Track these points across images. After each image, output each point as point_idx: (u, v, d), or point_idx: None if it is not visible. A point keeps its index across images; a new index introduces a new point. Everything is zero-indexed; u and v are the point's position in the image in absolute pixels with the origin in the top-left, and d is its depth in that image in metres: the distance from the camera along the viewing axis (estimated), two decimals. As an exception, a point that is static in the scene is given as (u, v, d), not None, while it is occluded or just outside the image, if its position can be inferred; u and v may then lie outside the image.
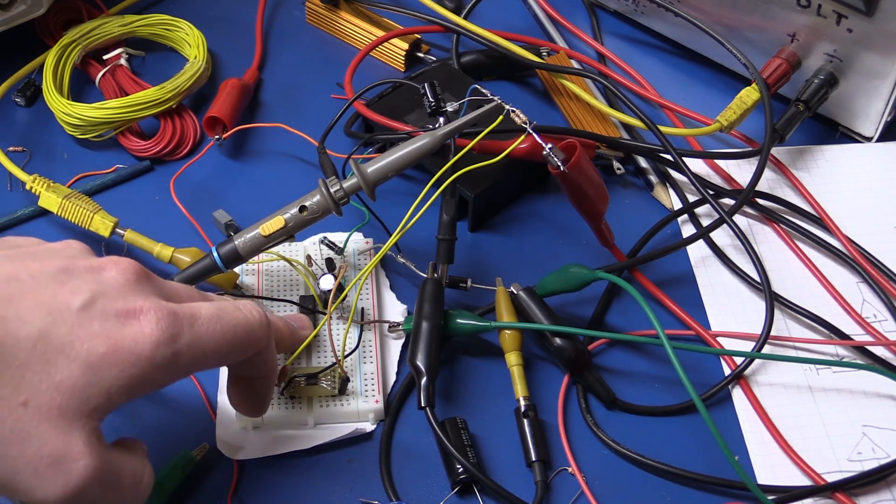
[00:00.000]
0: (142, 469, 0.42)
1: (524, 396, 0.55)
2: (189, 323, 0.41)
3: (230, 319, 0.43)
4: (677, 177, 0.68)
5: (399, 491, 0.53)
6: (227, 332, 0.42)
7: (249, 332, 0.44)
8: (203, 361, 0.42)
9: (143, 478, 0.42)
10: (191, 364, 0.41)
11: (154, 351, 0.39)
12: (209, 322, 0.42)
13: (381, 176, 0.55)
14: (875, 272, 0.63)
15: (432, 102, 0.60)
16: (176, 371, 0.40)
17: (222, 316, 0.42)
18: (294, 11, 0.80)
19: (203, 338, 0.41)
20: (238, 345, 0.43)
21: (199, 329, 0.41)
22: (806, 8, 0.66)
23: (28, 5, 0.69)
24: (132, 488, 0.41)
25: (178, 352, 0.40)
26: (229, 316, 0.43)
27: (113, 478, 0.39)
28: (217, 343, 0.42)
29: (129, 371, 0.38)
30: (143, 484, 0.42)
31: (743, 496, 0.53)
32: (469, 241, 0.65)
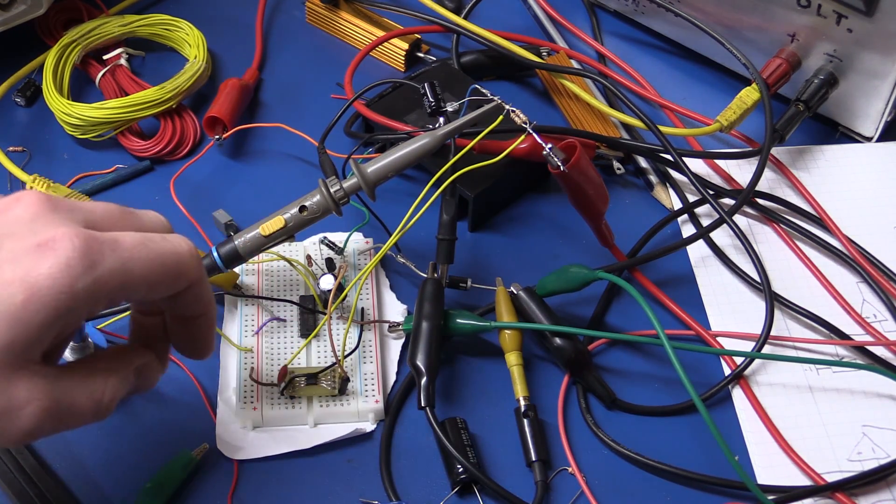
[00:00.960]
0: (101, 387, 0.41)
1: (524, 396, 0.55)
2: (111, 248, 0.38)
3: (157, 248, 0.40)
4: (677, 177, 0.68)
5: (399, 491, 0.53)
6: (154, 259, 0.40)
7: (178, 262, 0.41)
8: (131, 289, 0.39)
9: (102, 395, 0.40)
10: (117, 292, 0.39)
11: (73, 282, 0.37)
12: (133, 248, 0.39)
13: (381, 176, 0.55)
14: (875, 272, 0.63)
15: (432, 102, 0.60)
16: (101, 300, 0.38)
17: (148, 244, 0.40)
18: (294, 11, 0.80)
19: (128, 264, 0.39)
20: (167, 274, 0.41)
21: (123, 254, 0.39)
22: (806, 8, 0.66)
23: (28, 5, 0.69)
24: (92, 408, 0.40)
25: (100, 279, 0.37)
26: (156, 244, 0.40)
27: (67, 407, 0.39)
28: (143, 271, 0.39)
29: (52, 309, 0.36)
30: (103, 401, 0.40)
31: (743, 496, 0.53)
32: (469, 241, 0.65)
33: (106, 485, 0.53)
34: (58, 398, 0.38)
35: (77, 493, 0.52)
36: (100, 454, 0.54)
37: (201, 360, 0.48)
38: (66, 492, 0.52)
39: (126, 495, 0.52)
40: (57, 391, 0.39)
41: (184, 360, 0.57)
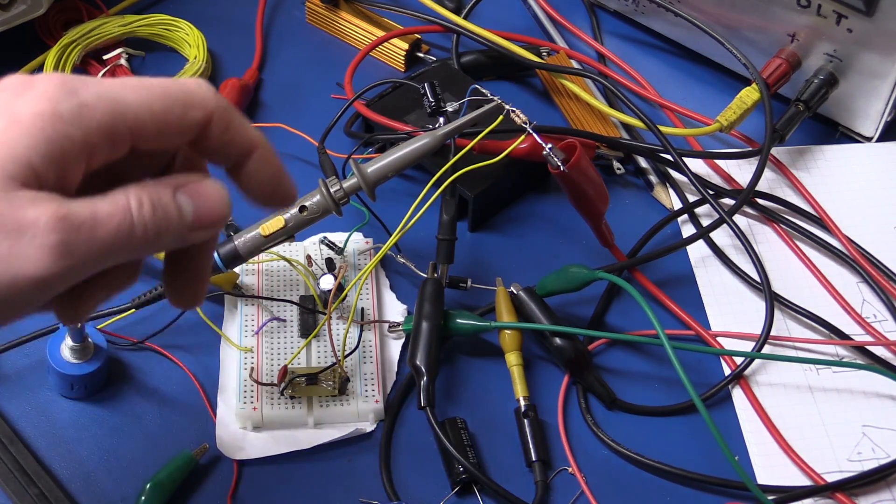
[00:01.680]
0: (125, 195, 0.35)
1: (524, 396, 0.55)
2: (95, 81, 0.35)
3: (154, 81, 0.36)
4: (677, 177, 0.68)
5: (399, 491, 0.53)
6: (150, 89, 0.36)
7: (184, 90, 0.37)
8: (128, 115, 0.35)
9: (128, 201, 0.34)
10: (109, 115, 0.34)
11: (54, 106, 0.33)
12: (124, 82, 0.36)
13: (381, 176, 0.55)
14: (875, 272, 0.63)
15: (432, 102, 0.60)
16: (93, 122, 0.34)
17: (143, 80, 0.36)
18: (294, 11, 0.80)
19: (116, 89, 0.35)
20: (172, 102, 0.36)
21: (110, 84, 0.35)
22: (806, 8, 0.66)
23: (28, 5, 0.69)
24: (119, 218, 0.34)
25: (85, 102, 0.34)
26: (154, 80, 0.36)
27: (87, 217, 0.33)
28: (138, 98, 0.35)
29: (39, 135, 0.33)
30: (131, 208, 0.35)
31: (743, 496, 0.53)
32: (469, 241, 0.65)
33: (106, 485, 0.53)
34: (71, 209, 0.33)
35: (77, 493, 0.52)
36: (100, 454, 0.54)
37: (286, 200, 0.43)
38: (66, 492, 0.52)
39: (126, 495, 0.52)
40: (69, 205, 0.33)
41: (184, 360, 0.57)
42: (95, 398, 0.56)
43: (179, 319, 0.58)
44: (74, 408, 0.55)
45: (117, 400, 0.56)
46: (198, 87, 0.37)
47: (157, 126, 0.36)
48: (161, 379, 0.57)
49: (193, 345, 0.58)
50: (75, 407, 0.56)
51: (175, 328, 0.58)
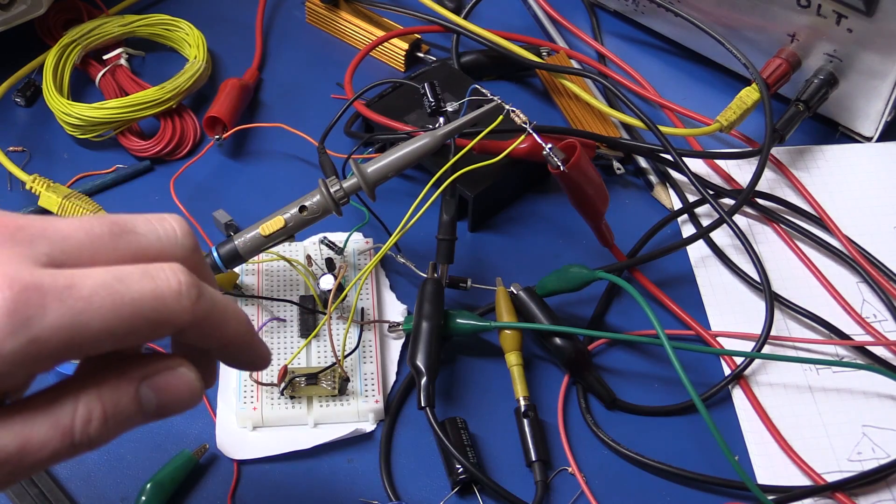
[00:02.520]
0: (70, 411, 0.32)
1: (524, 396, 0.55)
2: (58, 298, 0.30)
3: (129, 293, 0.31)
4: (677, 177, 0.68)
5: (399, 491, 0.53)
6: (123, 309, 0.31)
7: (158, 309, 0.32)
8: (88, 346, 0.31)
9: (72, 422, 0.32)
10: (66, 350, 0.31)
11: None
12: (93, 296, 0.31)
13: (381, 176, 0.55)
14: (875, 272, 0.63)
15: (432, 102, 0.60)
16: (41, 361, 0.31)
17: (117, 287, 0.31)
18: (294, 11, 0.80)
19: (81, 317, 0.31)
20: (141, 324, 0.32)
21: (75, 305, 0.30)
22: (806, 8, 0.66)
23: (28, 5, 0.69)
24: (60, 441, 0.32)
25: (36, 339, 0.30)
26: (128, 287, 0.32)
27: (14, 451, 0.31)
28: (104, 324, 0.31)
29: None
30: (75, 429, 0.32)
31: (743, 496, 0.53)
32: (469, 241, 0.65)
33: (106, 485, 0.53)
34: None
35: (77, 493, 0.52)
36: (100, 454, 0.54)
37: (261, 370, 0.41)
38: (66, 492, 0.52)
39: (126, 495, 0.52)
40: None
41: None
42: (95, 398, 0.56)
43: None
44: (74, 408, 0.55)
45: (117, 400, 0.56)
46: (176, 302, 0.33)
47: (114, 345, 0.32)
48: (161, 379, 0.57)
49: (193, 345, 0.58)
50: (75, 407, 0.55)
51: (175, 328, 0.58)
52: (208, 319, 0.34)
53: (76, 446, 0.32)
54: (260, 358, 0.39)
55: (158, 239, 0.34)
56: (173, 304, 0.33)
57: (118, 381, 0.33)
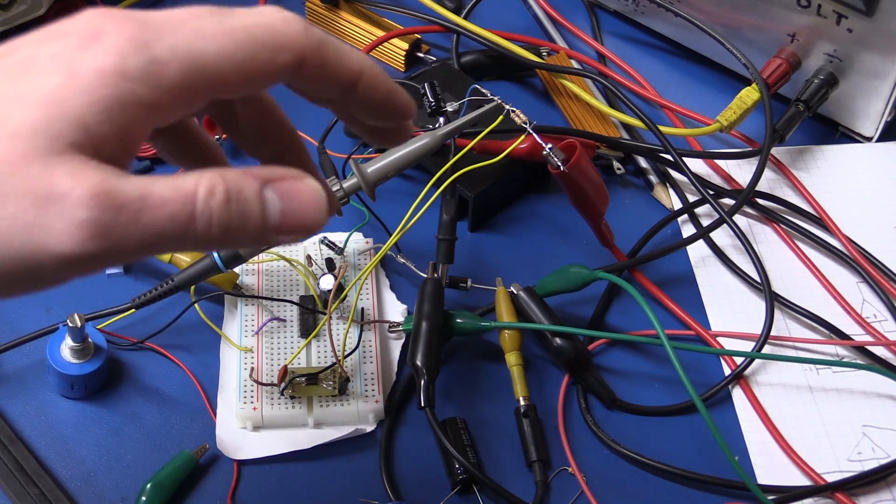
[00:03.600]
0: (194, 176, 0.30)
1: (524, 396, 0.55)
2: (170, 30, 0.31)
3: (238, 21, 0.32)
4: (677, 177, 0.68)
5: (399, 491, 0.53)
6: (235, 33, 0.31)
7: (270, 32, 0.32)
8: (207, 68, 0.31)
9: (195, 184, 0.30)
10: (186, 71, 0.31)
11: (121, 61, 0.30)
12: (204, 26, 0.31)
13: (382, 176, 0.55)
14: (875, 272, 0.63)
15: (432, 102, 0.60)
16: (165, 80, 0.30)
17: (225, 18, 0.32)
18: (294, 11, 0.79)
19: (194, 40, 0.31)
20: (258, 49, 0.32)
21: (187, 32, 0.31)
22: (806, 8, 0.66)
23: (28, 5, 0.69)
24: (179, 201, 0.30)
25: (157, 58, 0.30)
26: (236, 17, 0.32)
27: (133, 197, 0.29)
28: (220, 46, 0.31)
29: (98, 92, 0.30)
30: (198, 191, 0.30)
31: (743, 496, 0.53)
32: (469, 241, 0.65)
33: (106, 485, 0.53)
34: (117, 185, 0.29)
35: (77, 493, 0.52)
36: (100, 454, 0.54)
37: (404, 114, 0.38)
38: (66, 492, 0.52)
39: (126, 495, 0.52)
40: (116, 180, 0.30)
41: (184, 360, 0.57)
42: (95, 398, 0.56)
43: (179, 319, 0.58)
44: (74, 408, 0.55)
45: (117, 400, 0.56)
46: (285, 26, 0.33)
47: (241, 77, 0.32)
48: (161, 379, 0.57)
49: (193, 345, 0.58)
50: (75, 407, 0.56)
51: (175, 328, 0.58)
52: (324, 48, 0.34)
53: (195, 220, 0.30)
54: (401, 97, 0.37)
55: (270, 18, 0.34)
56: (284, 28, 0.33)
57: (243, 174, 0.31)
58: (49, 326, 0.57)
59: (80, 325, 0.53)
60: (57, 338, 0.55)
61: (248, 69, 0.32)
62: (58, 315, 0.58)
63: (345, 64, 0.34)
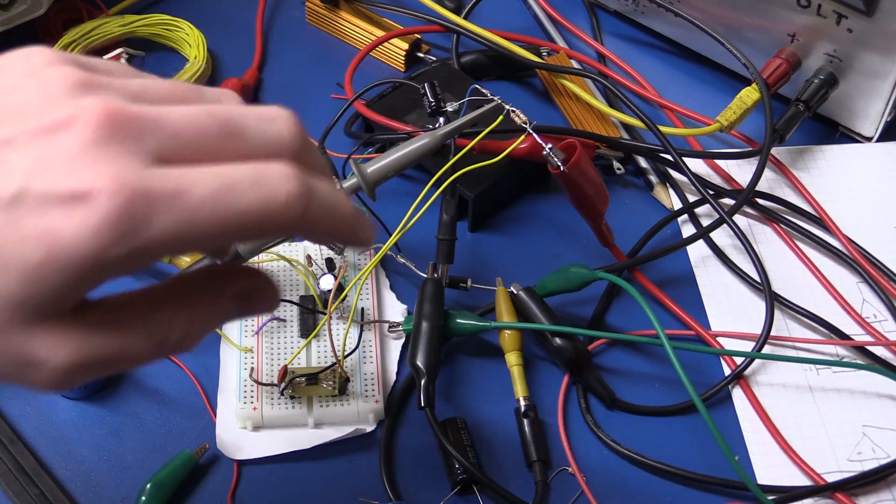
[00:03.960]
0: (165, 325, 0.33)
1: (524, 396, 0.55)
2: (167, 207, 0.30)
3: (237, 204, 0.31)
4: (677, 177, 0.68)
5: (399, 491, 0.53)
6: (229, 220, 0.31)
7: (265, 219, 0.31)
8: (187, 251, 0.33)
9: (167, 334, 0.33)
10: (165, 254, 0.31)
11: (102, 251, 0.30)
12: (202, 205, 0.30)
13: (382, 176, 0.55)
14: (875, 272, 0.63)
15: (432, 102, 0.60)
16: (143, 262, 0.31)
17: (226, 198, 0.31)
18: (294, 11, 0.80)
19: (182, 227, 0.30)
20: (246, 233, 0.32)
21: (181, 215, 0.30)
22: (806, 8, 0.66)
23: (28, 5, 0.69)
24: (150, 350, 0.33)
25: (140, 248, 0.30)
26: (237, 198, 0.31)
27: (108, 357, 0.32)
28: (205, 234, 0.31)
29: (74, 274, 0.30)
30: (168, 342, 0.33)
31: (743, 496, 0.53)
32: (469, 241, 0.65)
33: (106, 485, 0.53)
34: (93, 349, 0.32)
35: (77, 493, 0.52)
36: (100, 454, 0.54)
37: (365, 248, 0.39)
38: (66, 492, 0.52)
39: (126, 495, 0.52)
40: (93, 342, 0.32)
41: (184, 360, 0.57)
42: (95, 398, 0.56)
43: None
44: (74, 408, 0.56)
45: (117, 400, 0.56)
46: (283, 212, 0.32)
47: (222, 243, 0.34)
48: (161, 379, 0.57)
49: (193, 345, 0.58)
50: (75, 407, 0.56)
51: (175, 328, 0.58)
52: (314, 223, 0.33)
53: (164, 354, 0.33)
54: (360, 245, 0.38)
55: (268, 140, 0.34)
56: (281, 215, 0.32)
57: (212, 300, 0.34)
58: (49, 326, 0.57)
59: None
60: (57, 338, 0.55)
61: (226, 242, 0.34)
62: (58, 315, 0.58)
63: (324, 233, 0.35)
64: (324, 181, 0.34)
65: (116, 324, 0.32)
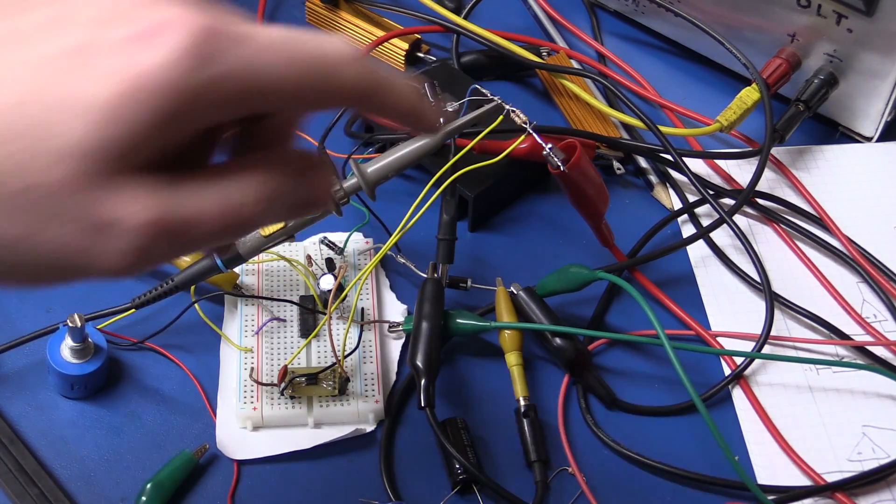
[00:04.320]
0: (239, 188, 0.32)
1: (524, 396, 0.55)
2: (236, 41, 0.30)
3: (303, 46, 0.32)
4: (677, 177, 0.68)
5: (399, 491, 0.53)
6: (296, 60, 0.32)
7: (328, 64, 0.32)
8: (261, 97, 0.32)
9: (241, 197, 0.32)
10: (242, 97, 0.31)
11: (181, 78, 0.29)
12: (270, 46, 0.31)
13: (382, 176, 0.54)
14: (875, 272, 0.63)
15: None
16: (221, 104, 0.31)
17: (292, 41, 0.32)
18: (294, 11, 0.80)
19: (255, 63, 0.31)
20: (313, 79, 0.32)
21: (250, 51, 0.31)
22: (806, 8, 0.66)
23: (28, 5, 0.69)
24: (223, 217, 0.32)
25: (218, 76, 0.30)
26: (302, 42, 0.32)
27: (186, 217, 0.31)
28: (279, 74, 0.31)
29: (154, 107, 0.29)
30: (243, 206, 0.32)
31: (743, 496, 0.53)
32: (469, 241, 0.65)
33: (106, 485, 0.53)
34: (170, 208, 0.31)
35: (77, 493, 0.52)
36: (100, 454, 0.54)
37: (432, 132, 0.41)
38: (66, 492, 0.52)
39: (126, 495, 0.52)
40: (170, 200, 0.31)
41: (184, 360, 0.57)
42: (95, 398, 0.56)
43: (179, 319, 0.58)
44: (74, 408, 0.55)
45: (117, 400, 0.56)
46: (340, 58, 0.33)
47: (291, 104, 0.34)
48: (161, 379, 0.57)
49: (193, 345, 0.58)
50: (75, 407, 0.56)
51: (175, 328, 0.58)
52: (371, 88, 0.34)
53: (236, 226, 0.32)
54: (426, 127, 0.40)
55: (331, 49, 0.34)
56: (341, 68, 0.33)
57: (278, 166, 0.33)
58: (49, 326, 0.57)
59: (81, 325, 0.53)
60: (57, 338, 0.55)
61: (301, 100, 0.33)
62: (58, 315, 0.58)
63: (394, 109, 0.36)
64: None
65: (190, 183, 0.31)
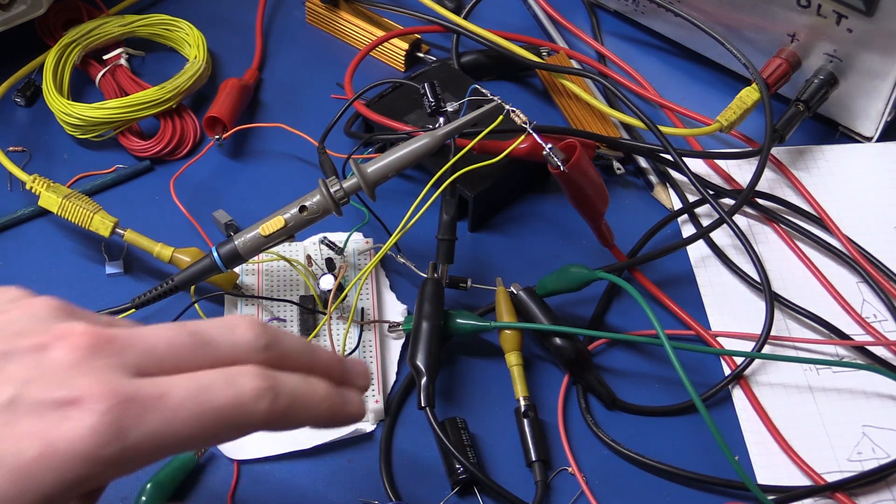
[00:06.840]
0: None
1: (524, 396, 0.55)
2: (151, 408, 0.33)
3: (213, 401, 0.34)
4: (677, 177, 0.68)
5: (399, 491, 0.53)
6: (207, 417, 0.34)
7: (239, 415, 0.35)
8: (169, 451, 0.35)
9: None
10: (151, 456, 0.34)
11: (95, 451, 0.32)
12: (181, 406, 0.34)
13: (381, 176, 0.55)
14: (875, 272, 0.63)
15: (432, 102, 0.60)
16: (131, 465, 0.34)
17: (202, 397, 0.34)
18: (294, 11, 0.80)
19: (167, 427, 0.34)
20: (220, 431, 0.35)
21: (164, 415, 0.34)
22: (806, 8, 0.66)
23: (28, 5, 0.69)
24: None
25: (130, 447, 0.33)
26: (213, 396, 0.35)
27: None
28: (188, 432, 0.34)
29: (66, 474, 0.32)
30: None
31: (743, 496, 0.53)
32: (469, 241, 0.65)
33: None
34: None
35: (77, 493, 0.52)
36: (100, 454, 0.54)
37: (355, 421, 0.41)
38: (66, 492, 0.52)
39: (126, 495, 0.52)
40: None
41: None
42: (95, 398, 0.56)
43: (179, 319, 0.58)
44: (74, 408, 0.55)
45: (117, 400, 0.56)
46: (254, 408, 0.35)
47: (194, 448, 0.36)
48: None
49: (193, 345, 0.58)
50: (75, 407, 0.55)
51: (175, 328, 0.58)
52: (287, 414, 0.37)
53: None
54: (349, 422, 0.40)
55: (233, 346, 0.37)
56: (252, 410, 0.35)
57: None
58: (49, 326, 0.57)
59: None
60: (57, 338, 0.55)
61: (203, 445, 0.35)
62: (58, 315, 0.58)
63: (314, 421, 0.38)
64: (294, 375, 0.37)
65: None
